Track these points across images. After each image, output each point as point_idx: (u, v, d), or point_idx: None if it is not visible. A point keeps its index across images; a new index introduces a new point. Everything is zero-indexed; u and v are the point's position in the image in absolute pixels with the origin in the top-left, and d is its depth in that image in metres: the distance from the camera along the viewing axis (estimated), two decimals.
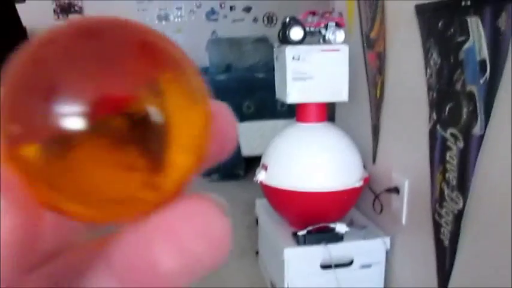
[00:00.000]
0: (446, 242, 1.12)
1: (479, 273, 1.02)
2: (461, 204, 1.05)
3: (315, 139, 1.47)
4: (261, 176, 1.52)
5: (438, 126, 1.12)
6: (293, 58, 1.39)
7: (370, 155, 1.59)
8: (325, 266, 1.44)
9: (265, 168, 1.51)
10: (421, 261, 1.29)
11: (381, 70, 1.45)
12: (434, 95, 1.13)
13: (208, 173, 3.17)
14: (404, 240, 1.39)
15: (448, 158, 1.08)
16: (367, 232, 1.48)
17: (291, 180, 1.42)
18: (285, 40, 1.41)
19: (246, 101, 3.07)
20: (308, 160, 1.43)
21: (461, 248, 1.08)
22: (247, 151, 3.13)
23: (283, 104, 3.08)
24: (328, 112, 1.76)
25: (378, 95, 1.50)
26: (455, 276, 1.12)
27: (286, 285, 1.44)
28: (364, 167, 1.56)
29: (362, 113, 1.63)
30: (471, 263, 1.05)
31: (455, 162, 1.06)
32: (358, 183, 1.44)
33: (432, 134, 1.15)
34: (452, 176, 1.07)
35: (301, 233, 1.43)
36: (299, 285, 1.45)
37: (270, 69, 2.04)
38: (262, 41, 4.66)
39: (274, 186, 1.45)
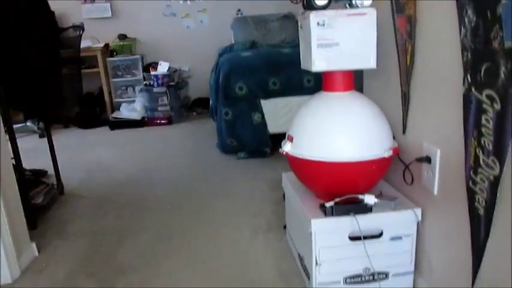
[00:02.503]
0: (482, 211, 1.07)
1: None
2: (497, 170, 1.00)
3: (342, 108, 1.42)
4: (286, 147, 1.49)
5: (473, 89, 1.06)
6: (318, 24, 1.34)
7: (400, 126, 1.53)
8: (354, 238, 1.42)
9: (291, 139, 1.49)
10: (454, 234, 1.24)
11: (411, 35, 1.38)
12: (469, 55, 1.06)
13: (235, 151, 3.17)
14: (436, 212, 1.34)
15: (483, 121, 1.02)
16: (397, 204, 1.43)
17: (317, 151, 1.39)
18: (309, 6, 1.36)
19: (272, 77, 3.02)
20: (334, 130, 1.39)
21: (497, 217, 1.03)
22: (273, 128, 3.10)
23: (309, 80, 3.03)
24: (357, 83, 1.71)
25: (408, 62, 1.43)
26: (490, 248, 1.07)
27: (314, 258, 1.43)
28: (394, 138, 1.51)
29: (391, 81, 1.56)
30: (508, 234, 1.00)
31: (491, 125, 1.00)
32: (387, 153, 1.39)
33: (466, 97, 1.09)
34: (488, 140, 1.02)
35: (328, 204, 1.40)
36: (328, 257, 1.43)
37: (296, 45, 2.00)
38: (288, 18, 4.57)
39: (300, 157, 1.43)
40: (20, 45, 2.22)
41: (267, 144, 3.11)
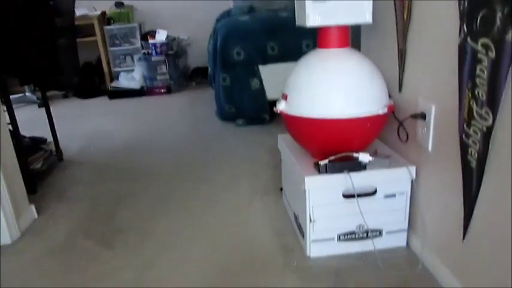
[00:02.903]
0: (474, 163, 1.07)
1: (508, 195, 0.97)
2: (490, 120, 0.99)
3: (337, 65, 1.40)
4: (281, 106, 1.48)
5: (469, 39, 1.03)
6: None
7: (396, 84, 1.51)
8: (348, 196, 1.42)
9: (286, 97, 1.47)
10: (446, 189, 1.24)
11: None
12: (466, 3, 1.03)
13: (233, 119, 3.16)
14: (430, 169, 1.34)
15: (478, 71, 1.00)
16: (392, 161, 1.43)
17: (312, 109, 1.38)
18: None
19: (270, 42, 2.97)
20: (329, 87, 1.38)
21: (488, 169, 1.03)
22: (271, 95, 3.07)
23: (308, 45, 2.98)
24: (354, 42, 1.68)
25: (405, 17, 1.40)
26: (481, 201, 1.08)
27: (308, 215, 1.44)
28: (390, 97, 1.49)
29: (388, 39, 1.54)
30: (499, 185, 1.00)
31: (485, 75, 0.98)
32: (381, 111, 1.38)
33: (462, 48, 1.07)
34: (481, 91, 1.00)
35: (322, 162, 1.40)
36: (322, 215, 1.44)
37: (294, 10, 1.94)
38: None
39: (294, 115, 1.42)
40: (11, 13, 2.19)
41: (265, 111, 3.10)
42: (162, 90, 4.43)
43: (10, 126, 2.00)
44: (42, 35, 2.37)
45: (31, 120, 3.03)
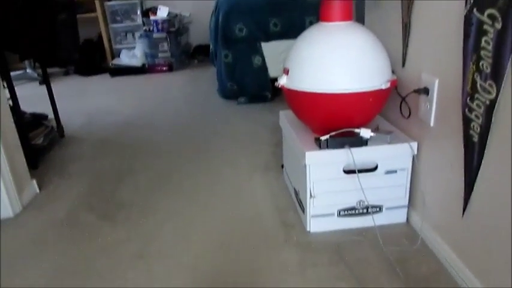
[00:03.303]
0: (476, 138, 1.06)
1: (508, 170, 0.96)
2: (494, 94, 0.97)
3: (340, 39, 1.38)
4: (282, 80, 1.46)
5: (475, 10, 1.01)
6: None
7: (400, 59, 1.49)
8: (349, 171, 1.42)
9: (287, 72, 1.45)
10: (447, 165, 1.23)
11: None
12: None
13: (235, 96, 3.14)
14: (432, 145, 1.33)
15: (483, 43, 0.98)
16: (393, 137, 1.42)
17: (313, 83, 1.36)
18: None
19: (273, 18, 2.93)
20: (331, 61, 1.36)
21: (490, 143, 1.02)
22: (274, 72, 3.05)
23: (311, 22, 2.93)
24: (357, 15, 1.65)
25: None
26: (482, 176, 1.07)
27: (308, 190, 1.44)
28: (393, 72, 1.47)
29: (392, 12, 1.50)
30: (500, 160, 0.99)
31: (490, 47, 0.96)
32: (384, 85, 1.36)
33: (467, 19, 1.04)
34: (486, 63, 0.98)
35: (323, 137, 1.39)
36: (322, 190, 1.44)
37: None
38: None
39: (295, 90, 1.40)
40: None
41: (267, 89, 3.07)
42: (164, 68, 4.40)
43: (10, 102, 1.99)
44: (41, 9, 2.34)
45: (32, 97, 3.02)
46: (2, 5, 2.14)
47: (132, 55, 4.45)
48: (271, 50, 3.00)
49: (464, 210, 1.16)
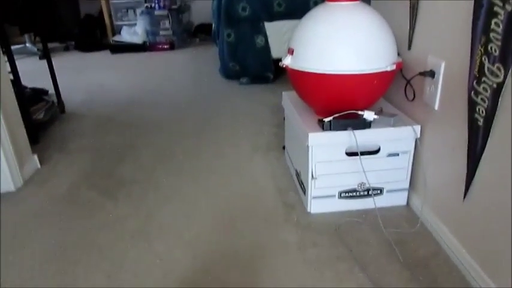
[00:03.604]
0: (481, 121, 1.06)
1: (510, 155, 0.96)
2: (501, 77, 0.96)
3: (345, 19, 1.36)
4: (286, 60, 1.45)
5: None
6: None
7: (406, 41, 1.47)
8: (351, 153, 1.42)
9: (291, 52, 1.44)
10: (451, 149, 1.23)
11: None
12: None
13: (237, 77, 3.12)
14: (436, 128, 1.33)
15: (493, 25, 0.97)
16: (397, 120, 1.42)
17: (318, 63, 1.35)
18: None
19: None
20: (336, 41, 1.34)
21: (495, 127, 1.02)
22: (277, 53, 3.02)
23: (316, 2, 2.89)
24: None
25: None
26: (485, 160, 1.07)
27: (310, 172, 1.44)
28: (398, 54, 1.46)
29: None
30: (504, 145, 0.99)
31: (500, 29, 0.95)
32: (389, 67, 1.35)
33: (477, 1, 1.02)
34: (495, 46, 0.97)
35: (327, 119, 1.39)
36: (324, 172, 1.44)
37: None
38: None
39: (300, 70, 1.39)
40: None
41: (270, 69, 3.05)
42: (165, 46, 4.36)
43: (11, 75, 1.97)
44: None
45: (32, 72, 2.99)
46: None
47: (133, 32, 4.40)
48: (274, 30, 2.97)
49: (465, 194, 1.16)
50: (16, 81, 2.02)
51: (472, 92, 1.08)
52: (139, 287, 1.18)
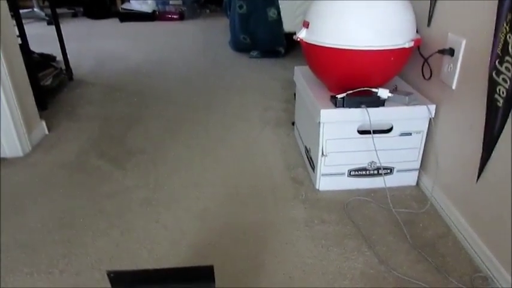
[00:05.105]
0: (501, 102, 1.03)
1: None
2: None
3: None
4: (301, 33, 1.41)
5: None
6: None
7: (425, 18, 1.42)
8: (363, 132, 1.40)
9: (307, 25, 1.40)
10: (466, 129, 1.21)
11: None
12: None
13: (247, 50, 3.07)
14: (452, 108, 1.30)
15: None
16: (412, 99, 1.38)
17: (334, 37, 1.31)
18: None
19: None
20: (353, 15, 1.29)
21: None
22: (289, 27, 2.95)
23: None
24: None
25: None
26: (502, 142, 1.04)
27: (321, 149, 1.42)
28: (417, 31, 1.41)
29: None
30: None
31: None
32: (408, 44, 1.31)
33: None
34: None
35: (340, 95, 1.36)
36: (334, 149, 1.42)
37: None
38: None
39: (315, 44, 1.35)
40: None
41: (281, 43, 3.00)
42: (175, 16, 4.28)
43: (19, 40, 1.94)
44: None
45: (39, 37, 2.96)
46: None
47: (143, 1, 4.32)
48: (288, 3, 2.90)
49: (479, 175, 1.14)
50: (24, 46, 2.00)
51: (494, 72, 1.04)
52: (147, 256, 1.19)
